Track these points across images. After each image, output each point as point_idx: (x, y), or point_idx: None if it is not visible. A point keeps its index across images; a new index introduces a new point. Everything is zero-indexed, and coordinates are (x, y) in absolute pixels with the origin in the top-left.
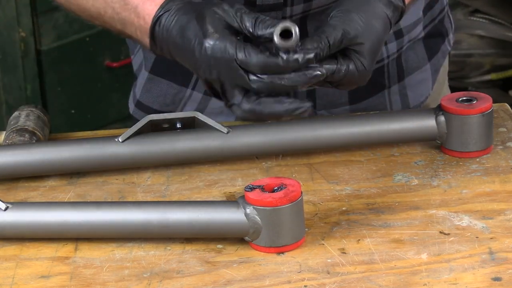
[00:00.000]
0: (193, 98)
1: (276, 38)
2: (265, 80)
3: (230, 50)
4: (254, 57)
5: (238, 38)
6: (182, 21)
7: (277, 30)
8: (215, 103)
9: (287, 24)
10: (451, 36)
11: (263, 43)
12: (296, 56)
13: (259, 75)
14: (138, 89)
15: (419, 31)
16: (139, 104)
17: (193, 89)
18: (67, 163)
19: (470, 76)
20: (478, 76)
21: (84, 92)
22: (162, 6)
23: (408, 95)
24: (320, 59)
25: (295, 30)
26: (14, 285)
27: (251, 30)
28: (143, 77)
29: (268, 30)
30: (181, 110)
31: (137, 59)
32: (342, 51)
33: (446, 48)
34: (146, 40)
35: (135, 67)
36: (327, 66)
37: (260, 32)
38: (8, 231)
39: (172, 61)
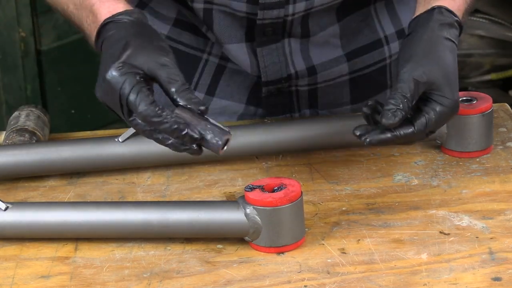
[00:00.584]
0: None
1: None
2: (143, 128)
3: (125, 88)
4: (143, 107)
5: (141, 79)
6: (117, 36)
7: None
8: (216, 103)
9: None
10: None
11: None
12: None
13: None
14: None
15: None
16: None
17: (195, 89)
18: (67, 163)
19: (470, 76)
20: (478, 76)
21: (84, 92)
22: (113, 15)
23: None
24: (404, 115)
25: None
26: (14, 285)
27: (172, 89)
28: None
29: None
30: None
31: None
32: (424, 99)
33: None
34: (93, 39)
35: None
36: (402, 132)
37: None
38: (8, 231)
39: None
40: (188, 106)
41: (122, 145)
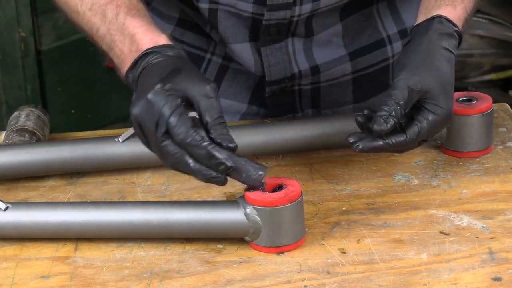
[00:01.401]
0: None
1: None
2: (173, 152)
3: (167, 109)
4: (183, 129)
5: (183, 103)
6: (162, 63)
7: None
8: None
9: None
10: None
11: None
12: (222, 161)
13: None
14: None
15: None
16: None
17: None
18: (67, 163)
19: (470, 76)
20: (478, 76)
21: (84, 92)
22: (157, 46)
23: None
24: (396, 122)
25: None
26: (14, 285)
27: (208, 120)
28: None
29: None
30: None
31: None
32: (417, 107)
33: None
34: (124, 67)
35: None
36: (394, 139)
37: (214, 135)
38: (8, 231)
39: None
40: (218, 140)
41: (122, 145)
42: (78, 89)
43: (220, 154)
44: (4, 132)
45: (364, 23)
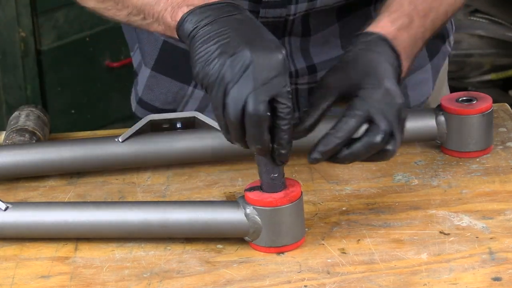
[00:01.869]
0: (195, 96)
1: None
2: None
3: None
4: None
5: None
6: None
7: None
8: None
9: None
10: (451, 37)
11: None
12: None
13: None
14: (140, 87)
15: None
16: (141, 102)
17: (194, 87)
18: (67, 163)
19: (470, 76)
20: (478, 76)
21: (84, 92)
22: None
23: (409, 94)
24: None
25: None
26: (14, 285)
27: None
28: (144, 74)
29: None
30: (183, 109)
31: (136, 56)
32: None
33: (447, 49)
34: (183, 7)
35: (135, 64)
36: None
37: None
38: (8, 231)
39: (174, 58)
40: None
41: (122, 145)
42: (78, 89)
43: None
44: (4, 132)
45: (361, 24)
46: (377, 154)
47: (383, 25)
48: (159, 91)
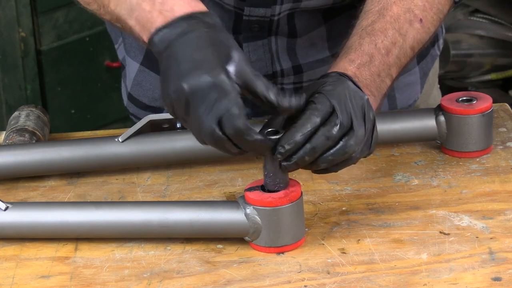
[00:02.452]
0: None
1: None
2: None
3: (235, 108)
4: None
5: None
6: (211, 36)
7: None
8: None
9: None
10: (441, 41)
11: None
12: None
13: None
14: (128, 81)
15: None
16: (131, 97)
17: None
18: (67, 163)
19: (470, 76)
20: (478, 76)
21: (84, 92)
22: (194, 12)
23: (396, 97)
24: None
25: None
26: (14, 285)
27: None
28: (133, 69)
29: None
30: None
31: (121, 50)
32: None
33: (436, 53)
34: (156, 23)
35: (120, 56)
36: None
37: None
38: (8, 231)
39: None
40: (293, 106)
41: (122, 145)
42: (78, 89)
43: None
44: (4, 132)
45: (348, 27)
46: (339, 152)
47: (342, 65)
48: (147, 87)
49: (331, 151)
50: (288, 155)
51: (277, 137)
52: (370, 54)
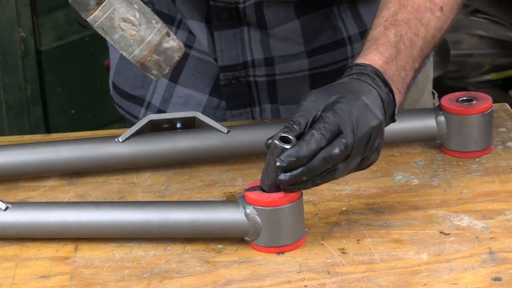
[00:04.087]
0: (160, 83)
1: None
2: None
3: None
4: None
5: None
6: None
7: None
8: (180, 91)
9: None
10: None
11: None
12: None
13: None
14: (112, 70)
15: None
16: (114, 87)
17: None
18: (67, 163)
19: (470, 76)
20: (478, 76)
21: (84, 92)
22: None
23: None
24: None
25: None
26: (14, 285)
27: None
28: (115, 58)
29: None
30: (151, 95)
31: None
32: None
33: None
34: None
35: (109, 45)
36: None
37: None
38: (8, 231)
39: None
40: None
41: (122, 145)
42: (78, 89)
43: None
44: None
45: (324, 23)
46: (327, 177)
47: (371, 57)
48: (128, 75)
49: (321, 175)
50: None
51: (284, 146)
52: (397, 47)
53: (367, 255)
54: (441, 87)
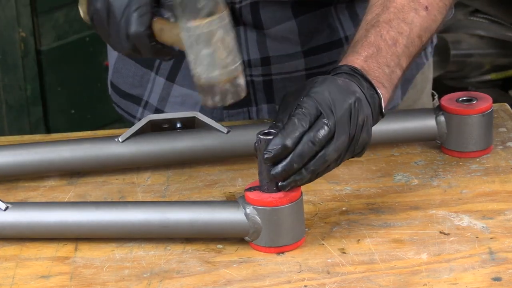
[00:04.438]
0: (157, 82)
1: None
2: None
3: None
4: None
5: None
6: None
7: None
8: (177, 91)
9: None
10: (429, 49)
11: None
12: None
13: None
14: (110, 69)
15: None
16: (112, 85)
17: (156, 73)
18: (67, 163)
19: (470, 76)
20: (478, 76)
21: (84, 92)
22: None
23: None
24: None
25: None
26: (14, 285)
27: None
28: (114, 57)
29: None
30: (149, 94)
31: None
32: None
33: (422, 61)
34: None
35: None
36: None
37: None
38: (8, 231)
39: None
40: None
41: (122, 145)
42: (78, 89)
43: None
44: None
45: (321, 23)
46: (319, 161)
47: (349, 59)
48: (126, 74)
49: (312, 161)
50: (276, 162)
51: (268, 138)
52: (377, 45)
53: (367, 255)
54: (441, 87)
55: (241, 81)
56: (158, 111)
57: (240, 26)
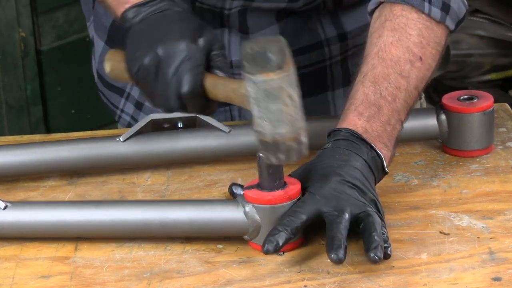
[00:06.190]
0: None
1: None
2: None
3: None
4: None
5: None
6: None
7: None
8: None
9: None
10: None
11: None
12: None
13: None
14: (95, 59)
15: None
16: (98, 74)
17: None
18: (67, 163)
19: (470, 76)
20: (478, 76)
21: (84, 92)
22: None
23: None
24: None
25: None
26: (14, 285)
27: None
28: (99, 47)
29: None
30: (131, 86)
31: (91, 28)
32: None
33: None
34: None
35: (90, 34)
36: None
37: None
38: (8, 231)
39: (123, 35)
40: None
41: (123, 145)
42: (78, 89)
43: None
44: None
45: (303, 27)
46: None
47: (351, 119)
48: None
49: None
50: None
51: (239, 193)
52: (378, 105)
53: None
54: (441, 87)
55: (305, 139)
56: (138, 103)
57: (225, 29)
